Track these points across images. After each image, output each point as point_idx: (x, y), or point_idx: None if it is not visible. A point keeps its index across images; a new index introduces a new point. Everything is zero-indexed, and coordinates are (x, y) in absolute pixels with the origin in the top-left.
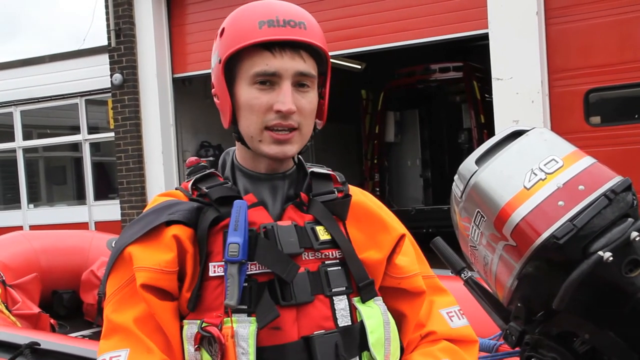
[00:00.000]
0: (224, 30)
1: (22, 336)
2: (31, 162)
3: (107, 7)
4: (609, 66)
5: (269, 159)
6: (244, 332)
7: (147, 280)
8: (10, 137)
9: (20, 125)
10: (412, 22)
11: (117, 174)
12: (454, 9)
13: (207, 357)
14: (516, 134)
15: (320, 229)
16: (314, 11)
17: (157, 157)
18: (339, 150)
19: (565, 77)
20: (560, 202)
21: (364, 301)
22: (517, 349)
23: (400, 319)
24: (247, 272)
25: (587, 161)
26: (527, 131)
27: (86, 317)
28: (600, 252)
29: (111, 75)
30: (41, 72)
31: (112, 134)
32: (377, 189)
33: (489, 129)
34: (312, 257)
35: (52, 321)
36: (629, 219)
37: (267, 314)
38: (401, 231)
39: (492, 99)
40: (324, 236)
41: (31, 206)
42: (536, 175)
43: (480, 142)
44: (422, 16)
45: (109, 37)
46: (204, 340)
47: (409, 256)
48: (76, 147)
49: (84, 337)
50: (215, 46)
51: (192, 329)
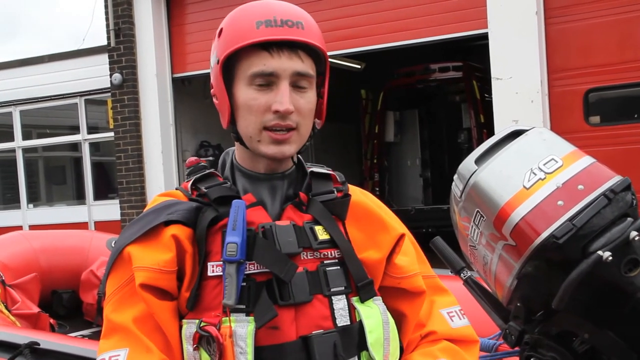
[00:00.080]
0: (222, 30)
1: (21, 336)
2: (31, 162)
3: (106, 6)
4: (609, 66)
5: (267, 159)
6: (242, 331)
7: (146, 280)
8: (9, 137)
9: (19, 125)
10: (411, 21)
11: (116, 174)
12: (453, 8)
13: (205, 357)
14: (516, 134)
15: (319, 229)
16: (313, 11)
17: (157, 157)
18: (339, 150)
19: (564, 77)
20: (559, 202)
21: (363, 301)
22: (517, 349)
23: (400, 319)
24: (246, 272)
25: (586, 161)
26: (527, 131)
27: (86, 317)
28: (599, 252)
29: (111, 75)
30: (40, 72)
31: (111, 134)
32: (377, 189)
33: (488, 128)
34: (310, 256)
35: (51, 321)
36: (628, 219)
37: (265, 313)
38: (401, 231)
39: (491, 98)
40: (322, 236)
41: (31, 206)
42: (535, 174)
43: (479, 141)
44: (421, 16)
45: (109, 37)
46: (203, 339)
47: (409, 256)
48: (76, 147)
49: (84, 336)
50: (213, 46)
51: (190, 328)
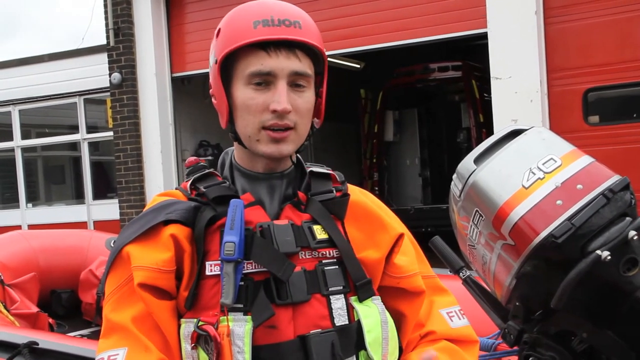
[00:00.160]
0: (220, 30)
1: (20, 336)
2: (30, 161)
3: (105, 6)
4: (608, 65)
5: (266, 159)
6: (240, 330)
7: (144, 279)
8: (8, 137)
9: (18, 124)
10: (411, 21)
11: (115, 173)
12: (453, 8)
13: (203, 356)
14: (515, 133)
15: (317, 228)
16: (312, 10)
17: (156, 156)
18: (338, 149)
19: (564, 77)
20: (558, 201)
21: (361, 300)
22: (516, 348)
23: (399, 319)
24: (243, 271)
25: (585, 160)
26: (526, 130)
27: (85, 317)
28: (598, 251)
29: (110, 74)
30: (40, 71)
31: (110, 133)
32: (376, 188)
33: (487, 128)
34: (309, 256)
35: (50, 321)
36: (627, 218)
37: (262, 312)
38: (400, 230)
39: (490, 98)
40: (321, 235)
41: (30, 205)
42: (534, 174)
43: (479, 141)
44: (421, 15)
45: (108, 36)
46: (201, 338)
47: (408, 256)
48: (75, 146)
49: (83, 336)
50: (212, 46)
51: (188, 327)
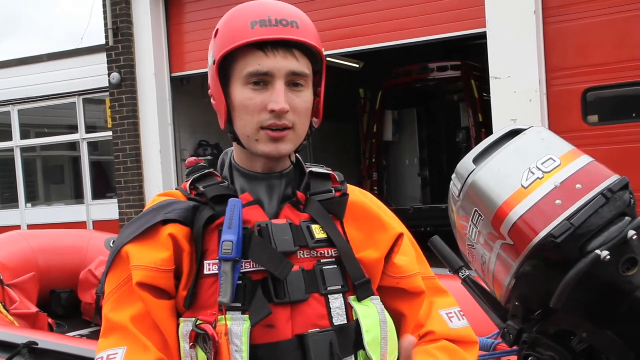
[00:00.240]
0: (218, 31)
1: (20, 336)
2: (29, 161)
3: (104, 6)
4: (607, 65)
5: (265, 158)
6: (238, 329)
7: (143, 278)
8: (7, 137)
9: (17, 124)
10: (410, 21)
11: (115, 173)
12: (452, 8)
13: (202, 355)
14: (514, 133)
15: (316, 228)
16: (310, 10)
17: (155, 156)
18: (337, 149)
19: (563, 76)
20: (557, 201)
21: (360, 300)
22: (515, 348)
23: (399, 319)
24: (242, 270)
25: (584, 160)
26: (525, 130)
27: (84, 317)
28: (597, 251)
29: (109, 74)
30: (39, 71)
31: (110, 133)
32: (376, 188)
33: (487, 128)
34: (307, 255)
35: (50, 321)
36: (626, 218)
37: (260, 311)
38: (399, 230)
39: (490, 97)
40: (320, 235)
41: (29, 205)
42: (534, 174)
43: (478, 141)
44: (420, 15)
45: (107, 36)
46: (199, 338)
47: (408, 256)
48: (74, 146)
49: (82, 336)
50: (210, 47)
51: (187, 326)
